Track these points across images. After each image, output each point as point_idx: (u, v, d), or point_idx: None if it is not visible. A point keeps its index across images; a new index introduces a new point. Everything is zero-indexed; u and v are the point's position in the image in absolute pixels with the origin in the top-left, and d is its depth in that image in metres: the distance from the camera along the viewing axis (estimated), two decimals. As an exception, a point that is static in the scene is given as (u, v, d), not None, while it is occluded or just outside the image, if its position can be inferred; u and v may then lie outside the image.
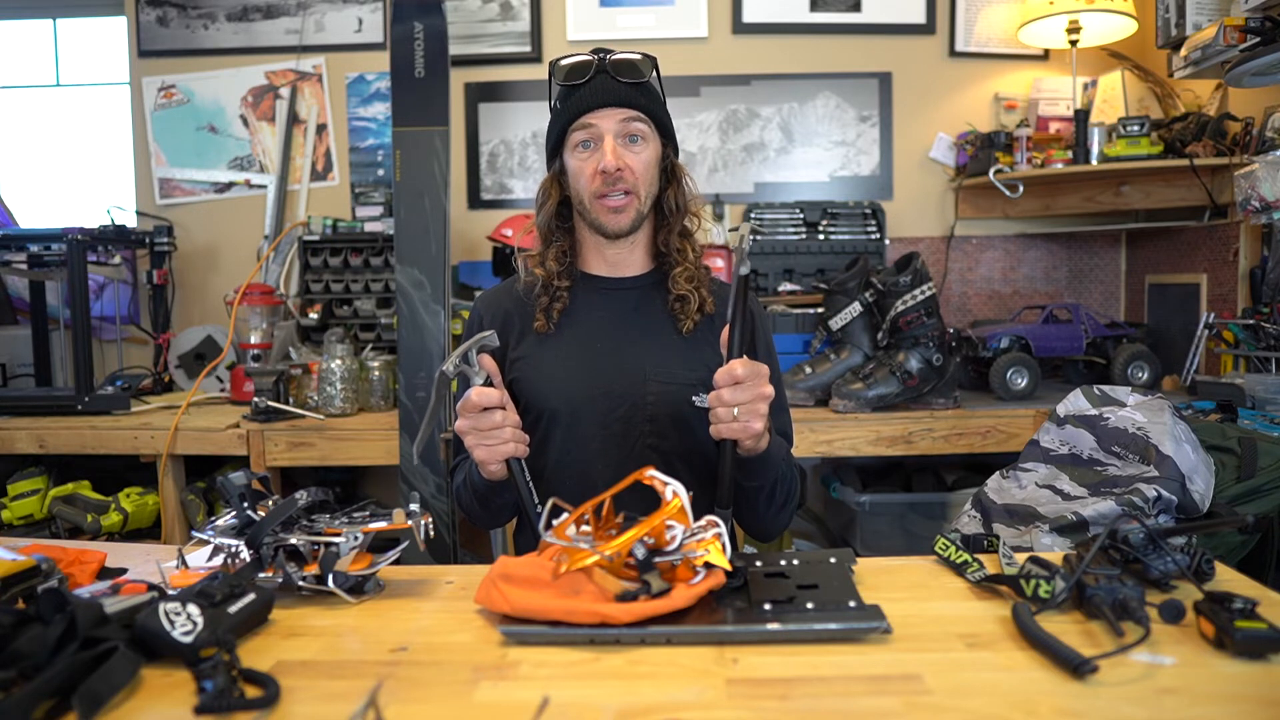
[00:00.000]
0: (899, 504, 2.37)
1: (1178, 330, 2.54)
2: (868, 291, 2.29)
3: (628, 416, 1.27)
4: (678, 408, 1.26)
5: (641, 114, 1.24)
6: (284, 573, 0.90)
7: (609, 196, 1.24)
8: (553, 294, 1.30)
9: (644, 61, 1.25)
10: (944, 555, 0.99)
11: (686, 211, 1.32)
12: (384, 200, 2.78)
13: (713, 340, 1.30)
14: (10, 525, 2.26)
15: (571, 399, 1.28)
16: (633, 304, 1.32)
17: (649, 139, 1.26)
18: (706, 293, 1.30)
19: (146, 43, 2.94)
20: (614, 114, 1.23)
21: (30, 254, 2.48)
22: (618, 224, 1.25)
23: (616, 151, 1.22)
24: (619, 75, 1.22)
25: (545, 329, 1.30)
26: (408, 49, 2.26)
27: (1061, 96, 2.83)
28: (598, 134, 1.23)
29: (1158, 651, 0.74)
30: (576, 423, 1.28)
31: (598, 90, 1.22)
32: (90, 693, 0.65)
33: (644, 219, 1.28)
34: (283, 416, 2.24)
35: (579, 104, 1.23)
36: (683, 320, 1.29)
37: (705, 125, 2.91)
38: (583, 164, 1.25)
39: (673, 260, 1.30)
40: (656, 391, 1.26)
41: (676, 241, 1.30)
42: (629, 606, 0.79)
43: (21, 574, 0.83)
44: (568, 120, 1.25)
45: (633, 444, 1.27)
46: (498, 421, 1.10)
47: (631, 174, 1.23)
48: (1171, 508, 1.15)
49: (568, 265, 1.32)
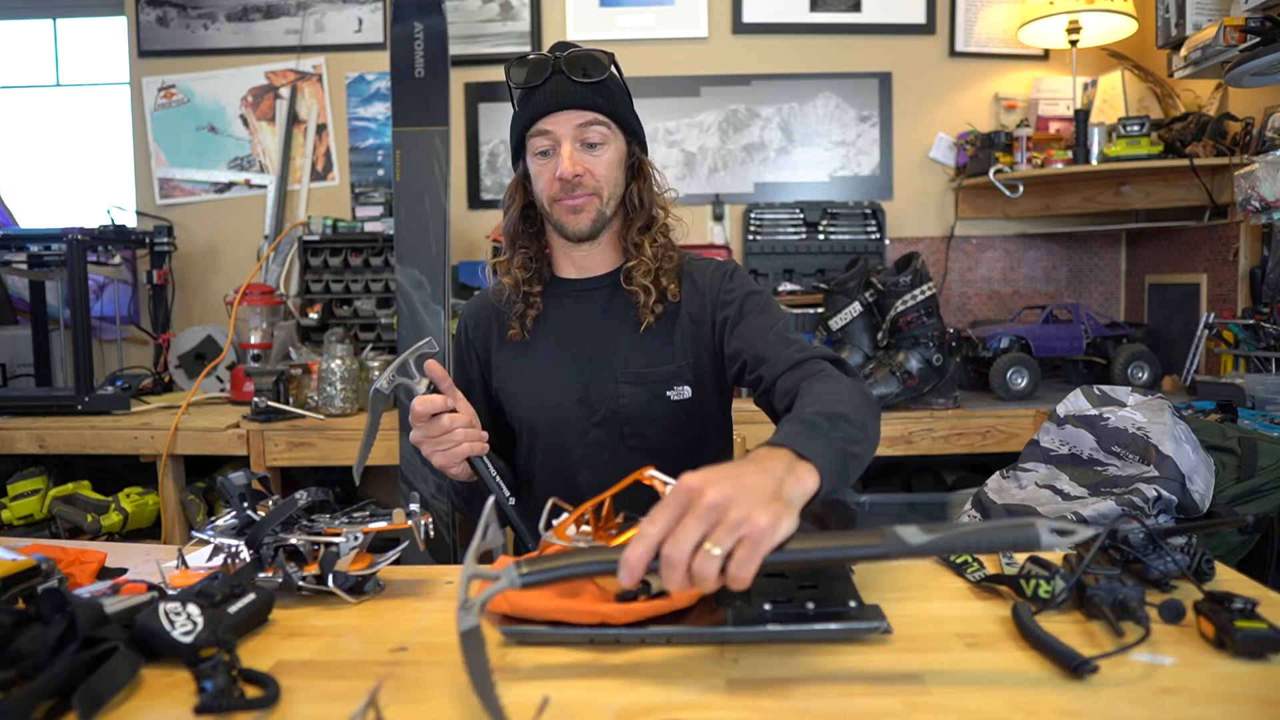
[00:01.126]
0: (899, 504, 2.37)
1: (1178, 330, 2.54)
2: (868, 291, 2.29)
3: (605, 421, 1.26)
4: (651, 405, 1.25)
5: (600, 114, 1.20)
6: (284, 573, 0.90)
7: (568, 199, 1.20)
8: (526, 301, 1.29)
9: (600, 55, 1.20)
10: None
11: (652, 207, 1.28)
12: (384, 200, 2.78)
13: (679, 325, 1.26)
14: (10, 525, 2.26)
15: (551, 410, 1.28)
16: (601, 305, 1.30)
17: (610, 139, 1.22)
18: (668, 280, 1.26)
19: (146, 43, 2.94)
20: (571, 118, 1.19)
21: (30, 254, 2.49)
22: (578, 225, 1.22)
23: (574, 158, 1.18)
24: (574, 74, 1.18)
25: (520, 337, 1.29)
26: (408, 49, 2.26)
27: (1061, 96, 2.83)
28: (555, 139, 1.19)
29: (1158, 651, 0.74)
30: (558, 433, 1.28)
31: (553, 94, 1.18)
32: (90, 693, 0.65)
33: (607, 220, 1.25)
34: (283, 416, 2.24)
35: (535, 109, 1.19)
36: (643, 315, 1.25)
37: (705, 125, 2.91)
38: (542, 169, 1.22)
39: (629, 255, 1.27)
40: (629, 393, 1.25)
41: (636, 236, 1.26)
42: (629, 606, 0.79)
43: (21, 574, 0.83)
44: (524, 125, 1.22)
45: (615, 447, 1.26)
46: (445, 426, 1.09)
47: (592, 177, 1.20)
48: (1171, 508, 1.15)
49: (535, 270, 1.30)
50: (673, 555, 0.65)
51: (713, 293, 1.26)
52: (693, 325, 1.27)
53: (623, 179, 1.26)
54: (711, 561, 0.65)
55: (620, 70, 1.25)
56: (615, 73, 1.23)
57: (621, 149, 1.25)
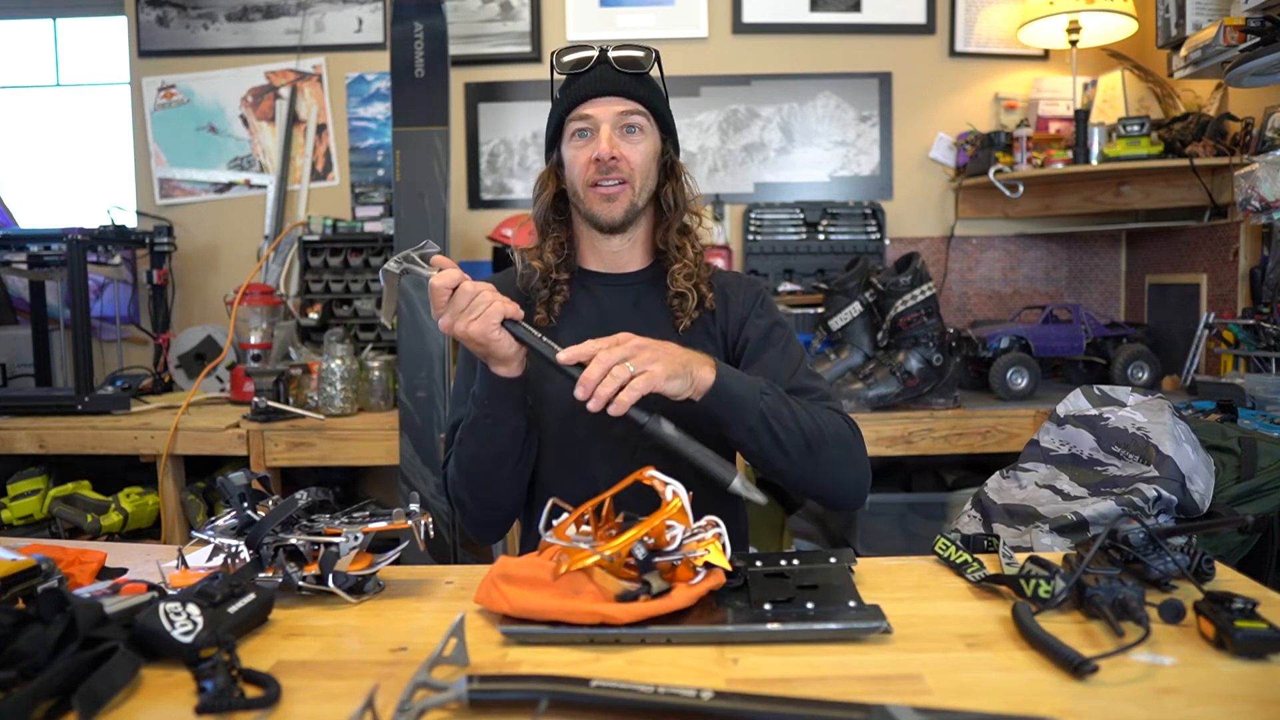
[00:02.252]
0: (899, 504, 2.37)
1: (1178, 330, 2.54)
2: (868, 291, 2.30)
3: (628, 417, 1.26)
4: (677, 407, 1.25)
5: (641, 105, 1.22)
6: (284, 573, 0.90)
7: (602, 185, 1.22)
8: (552, 287, 1.29)
9: (646, 55, 1.23)
10: (944, 555, 0.99)
11: (686, 209, 1.29)
12: (384, 200, 2.78)
13: (711, 336, 1.29)
14: (10, 525, 2.26)
15: (571, 400, 1.28)
16: (631, 300, 1.31)
17: (647, 132, 1.24)
18: (706, 288, 1.29)
19: (146, 43, 2.94)
20: (612, 104, 1.21)
21: (30, 254, 2.49)
22: (610, 213, 1.23)
23: (612, 140, 1.20)
24: (619, 64, 1.21)
25: (546, 322, 1.28)
26: (408, 49, 2.26)
27: (1061, 96, 2.83)
28: (594, 123, 1.21)
29: (1158, 651, 0.74)
30: (576, 424, 1.27)
31: (596, 80, 1.21)
32: (90, 693, 0.65)
33: (639, 213, 1.26)
34: (283, 416, 2.24)
35: (578, 93, 1.21)
36: (680, 318, 1.27)
37: (705, 125, 2.91)
38: (578, 152, 1.23)
39: (672, 257, 1.28)
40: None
41: (676, 239, 1.28)
42: (629, 606, 0.79)
43: (21, 574, 0.83)
44: (565, 108, 1.24)
45: (634, 446, 1.26)
46: (470, 291, 1.04)
47: (627, 164, 1.22)
48: (1171, 508, 1.15)
49: (565, 258, 1.30)
50: (603, 358, 0.99)
51: (743, 310, 1.29)
52: (721, 336, 1.29)
53: (655, 174, 1.27)
54: (621, 370, 0.99)
55: (663, 70, 1.27)
56: (658, 70, 1.26)
57: (657, 144, 1.26)
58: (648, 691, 0.65)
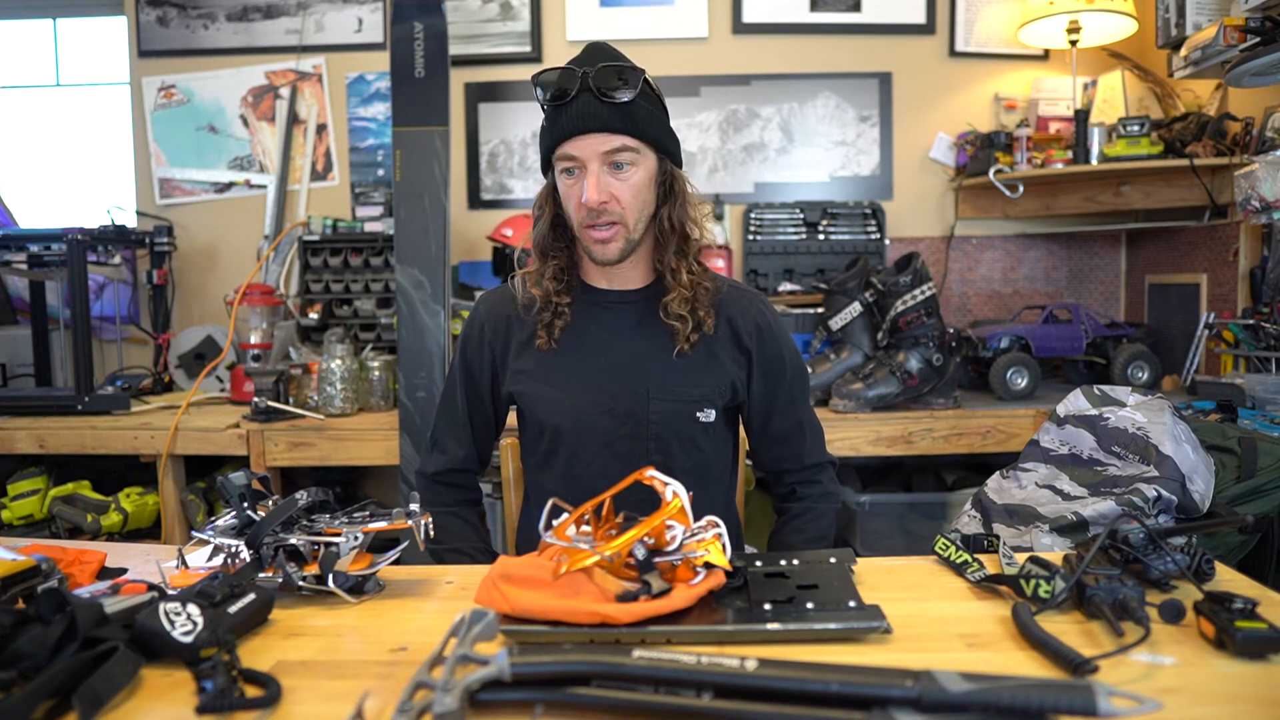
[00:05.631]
0: (899, 504, 2.37)
1: (1178, 330, 2.54)
2: (868, 291, 2.29)
3: (632, 435, 1.26)
4: (681, 425, 1.26)
5: (628, 138, 1.17)
6: (284, 573, 0.90)
7: (595, 229, 1.19)
8: (554, 311, 1.28)
9: (630, 72, 1.16)
10: (944, 555, 0.99)
11: (684, 228, 1.26)
12: (384, 200, 2.78)
13: (715, 355, 1.29)
14: (10, 525, 2.26)
15: (577, 418, 1.27)
16: (634, 319, 1.29)
17: (639, 161, 1.19)
18: (705, 313, 1.27)
19: (146, 43, 2.94)
20: (598, 143, 1.15)
21: (30, 254, 2.48)
22: (605, 254, 1.21)
23: (599, 185, 1.16)
24: (603, 92, 1.14)
25: (547, 346, 1.28)
26: (408, 49, 2.26)
27: (1061, 96, 2.83)
28: (581, 163, 1.18)
29: (1158, 651, 0.74)
30: (582, 442, 1.27)
31: (580, 115, 1.15)
32: (90, 693, 0.65)
33: (636, 245, 1.24)
34: (283, 416, 2.24)
35: (562, 130, 1.16)
36: (679, 342, 1.26)
37: (705, 125, 2.91)
38: (569, 190, 1.21)
39: (667, 282, 1.26)
40: (660, 410, 1.25)
41: (673, 261, 1.25)
42: (629, 607, 0.79)
43: (21, 574, 0.83)
44: (550, 145, 1.20)
45: (638, 462, 1.25)
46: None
47: (617, 204, 1.18)
48: (1171, 508, 1.15)
49: (567, 282, 1.29)
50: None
51: (751, 341, 1.30)
52: (725, 358, 1.29)
53: (652, 199, 1.23)
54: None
55: (653, 85, 1.22)
56: (648, 88, 1.20)
57: (652, 169, 1.22)
58: (691, 662, 0.65)
